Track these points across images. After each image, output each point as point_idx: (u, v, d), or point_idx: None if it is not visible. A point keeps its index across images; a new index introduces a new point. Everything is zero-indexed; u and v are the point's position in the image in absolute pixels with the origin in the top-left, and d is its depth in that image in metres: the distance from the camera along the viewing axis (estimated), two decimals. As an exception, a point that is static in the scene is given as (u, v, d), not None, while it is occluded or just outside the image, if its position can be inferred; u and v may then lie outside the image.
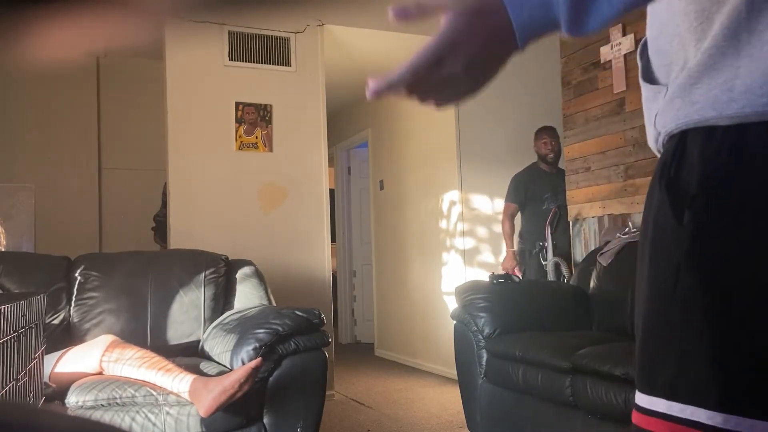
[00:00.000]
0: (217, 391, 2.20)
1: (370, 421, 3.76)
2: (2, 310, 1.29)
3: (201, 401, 2.22)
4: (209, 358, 2.69)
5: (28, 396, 1.57)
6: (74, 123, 5.19)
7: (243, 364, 2.38)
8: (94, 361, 2.41)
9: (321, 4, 4.19)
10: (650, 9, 0.90)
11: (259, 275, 3.17)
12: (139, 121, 5.26)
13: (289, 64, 4.41)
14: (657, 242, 0.83)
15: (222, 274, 3.07)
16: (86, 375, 2.39)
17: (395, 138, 6.00)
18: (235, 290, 3.10)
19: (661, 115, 0.85)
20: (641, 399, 0.82)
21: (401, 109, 5.86)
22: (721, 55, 0.77)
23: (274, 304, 3.06)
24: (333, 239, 6.10)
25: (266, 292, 3.11)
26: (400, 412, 3.97)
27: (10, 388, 1.36)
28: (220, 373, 2.37)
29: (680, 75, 0.83)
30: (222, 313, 2.98)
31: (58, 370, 2.38)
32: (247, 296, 3.08)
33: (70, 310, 2.89)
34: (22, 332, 1.46)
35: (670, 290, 0.80)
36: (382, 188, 6.31)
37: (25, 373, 1.51)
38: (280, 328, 2.49)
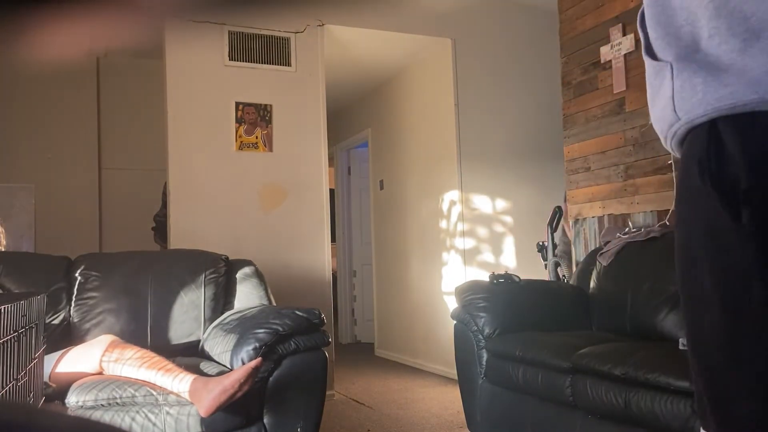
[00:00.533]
0: (217, 391, 2.20)
1: (370, 421, 3.76)
2: (2, 310, 1.29)
3: (201, 401, 2.22)
4: (209, 358, 2.69)
5: (28, 396, 1.57)
6: (74, 123, 5.19)
7: (243, 363, 2.38)
8: (94, 361, 2.41)
9: (321, 4, 4.19)
10: None
11: (259, 275, 3.17)
12: (139, 121, 5.26)
13: (289, 64, 4.41)
14: (715, 248, 0.70)
15: (222, 274, 3.07)
16: (86, 375, 2.39)
17: (395, 138, 6.00)
18: (235, 290, 3.10)
19: (680, 100, 0.74)
20: None
21: (401, 109, 5.86)
22: (755, 36, 0.66)
23: (274, 304, 3.06)
24: (333, 239, 6.10)
25: (266, 292, 3.11)
26: (400, 412, 3.97)
27: (10, 388, 1.36)
28: (220, 373, 2.37)
29: (695, 55, 0.72)
30: (222, 313, 2.98)
31: (58, 370, 2.38)
32: (247, 296, 3.08)
33: (70, 310, 2.89)
34: (22, 332, 1.47)
35: (742, 305, 0.66)
36: (382, 188, 6.31)
37: (25, 373, 1.51)
38: (280, 328, 2.49)
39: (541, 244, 4.40)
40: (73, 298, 2.90)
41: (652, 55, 0.80)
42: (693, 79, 0.71)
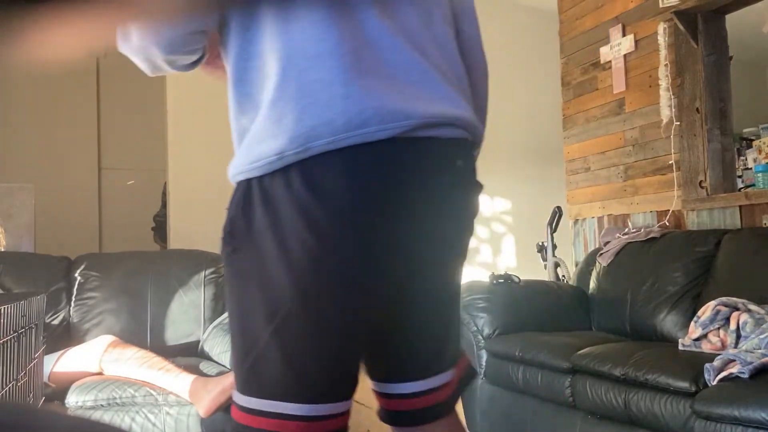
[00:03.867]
0: (216, 391, 2.20)
1: (370, 421, 3.75)
2: (2, 310, 1.29)
3: (200, 401, 2.22)
4: (209, 359, 2.69)
5: (28, 396, 1.57)
6: (74, 123, 5.19)
7: (243, 364, 2.38)
8: (93, 361, 2.41)
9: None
10: None
11: (259, 275, 3.17)
12: (139, 121, 5.26)
13: (289, 64, 4.40)
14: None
15: (222, 274, 3.07)
16: (86, 375, 2.39)
17: (395, 138, 6.00)
18: (235, 290, 3.10)
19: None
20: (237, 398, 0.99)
21: (401, 110, 5.86)
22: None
23: (274, 304, 3.06)
24: (333, 239, 6.08)
25: (266, 292, 3.10)
26: (399, 412, 3.97)
27: (10, 388, 1.36)
28: (220, 374, 2.37)
29: None
30: (222, 313, 2.98)
31: (57, 370, 2.38)
32: (247, 296, 3.07)
33: (70, 310, 2.89)
34: (22, 332, 1.46)
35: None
36: (382, 188, 6.30)
37: (25, 373, 1.51)
38: (280, 328, 2.48)
39: (541, 244, 4.40)
40: (73, 298, 2.90)
41: None
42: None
